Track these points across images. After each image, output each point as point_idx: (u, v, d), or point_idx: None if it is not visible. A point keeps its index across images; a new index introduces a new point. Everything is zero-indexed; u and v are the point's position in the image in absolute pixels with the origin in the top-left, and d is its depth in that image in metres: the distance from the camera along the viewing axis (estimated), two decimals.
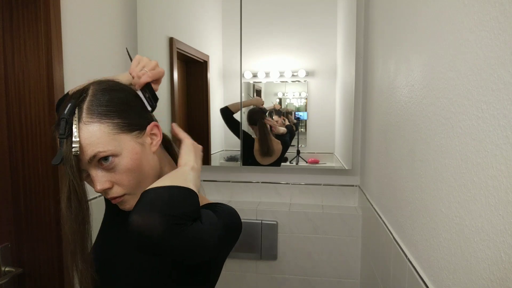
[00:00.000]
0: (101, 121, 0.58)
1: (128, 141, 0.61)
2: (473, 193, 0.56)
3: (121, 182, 0.61)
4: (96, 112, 0.59)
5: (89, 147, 0.57)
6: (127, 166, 0.60)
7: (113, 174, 0.60)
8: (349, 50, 1.63)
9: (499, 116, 0.49)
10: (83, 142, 0.57)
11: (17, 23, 1.11)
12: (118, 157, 0.59)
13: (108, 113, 0.59)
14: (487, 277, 0.52)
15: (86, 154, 0.57)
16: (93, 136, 0.57)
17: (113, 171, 0.60)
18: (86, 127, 0.57)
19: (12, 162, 1.15)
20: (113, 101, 0.61)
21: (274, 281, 1.72)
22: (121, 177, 0.60)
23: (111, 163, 0.59)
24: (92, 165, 0.59)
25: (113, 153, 0.58)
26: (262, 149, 1.76)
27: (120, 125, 0.60)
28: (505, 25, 0.48)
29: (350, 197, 1.73)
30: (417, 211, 0.83)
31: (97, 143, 0.57)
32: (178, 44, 1.77)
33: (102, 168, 0.59)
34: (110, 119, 0.59)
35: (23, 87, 1.13)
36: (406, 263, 0.89)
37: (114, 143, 0.59)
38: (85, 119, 0.58)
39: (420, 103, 0.81)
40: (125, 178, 0.60)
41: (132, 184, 0.61)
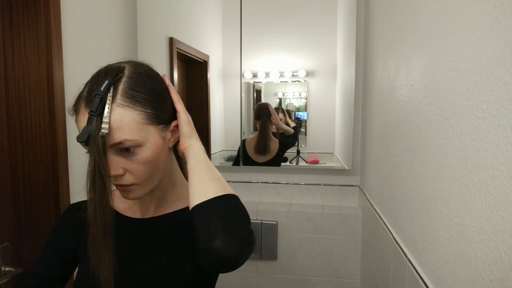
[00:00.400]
0: (134, 108, 0.57)
1: (154, 133, 0.60)
2: (473, 193, 0.56)
3: (135, 171, 0.59)
4: (132, 97, 0.57)
5: (117, 131, 0.55)
6: (147, 158, 0.59)
7: (129, 162, 0.58)
8: (349, 50, 1.63)
9: (499, 116, 0.49)
10: (112, 125, 0.55)
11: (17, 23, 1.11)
12: (141, 147, 0.58)
13: (142, 100, 0.58)
14: (487, 277, 0.52)
15: (112, 138, 0.55)
16: (123, 121, 0.56)
17: (131, 159, 0.58)
18: (119, 109, 0.55)
19: (12, 162, 1.15)
20: (149, 90, 0.60)
21: (274, 281, 1.72)
22: (137, 167, 0.59)
23: (133, 152, 0.58)
24: (112, 149, 0.57)
25: (139, 143, 0.57)
26: (259, 147, 1.77)
27: (151, 115, 0.59)
28: (505, 25, 0.48)
29: (350, 197, 1.73)
30: (417, 211, 0.83)
31: (126, 129, 0.56)
32: (178, 44, 1.77)
33: (120, 154, 0.58)
34: (143, 108, 0.58)
35: (23, 87, 1.13)
36: (406, 263, 0.89)
37: (142, 134, 0.57)
38: (119, 101, 0.56)
39: (420, 103, 0.81)
40: (141, 168, 0.59)
41: (145, 176, 0.61)
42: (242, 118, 1.76)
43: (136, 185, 0.61)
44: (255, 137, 1.78)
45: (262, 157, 1.77)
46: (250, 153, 1.78)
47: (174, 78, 1.78)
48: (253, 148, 1.78)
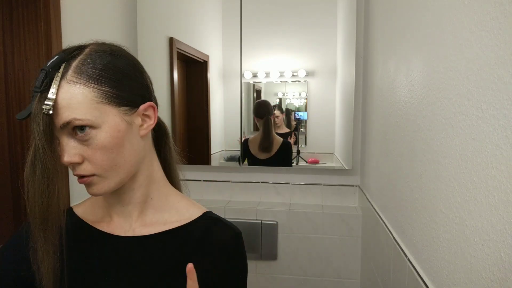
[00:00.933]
0: (86, 84, 0.50)
1: (113, 115, 0.52)
2: (473, 193, 0.56)
3: (93, 159, 0.52)
4: (85, 74, 0.50)
5: (65, 110, 0.49)
6: (103, 143, 0.51)
7: (86, 148, 0.51)
8: (349, 50, 1.63)
9: (499, 116, 0.49)
10: (60, 103, 0.49)
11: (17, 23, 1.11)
12: (96, 129, 0.51)
13: (98, 77, 0.51)
14: (487, 277, 0.52)
15: (61, 117, 0.49)
16: (73, 98, 0.49)
17: (86, 144, 0.51)
18: (68, 86, 0.49)
19: (12, 162, 1.15)
20: (107, 66, 0.52)
21: (274, 281, 1.72)
22: (94, 153, 0.52)
23: (87, 135, 0.50)
24: (65, 132, 0.51)
25: (91, 123, 0.50)
26: (263, 144, 1.76)
27: (108, 94, 0.52)
28: (505, 25, 0.48)
29: (350, 197, 1.73)
30: (417, 211, 0.83)
31: (76, 108, 0.49)
32: (178, 44, 1.77)
33: (75, 138, 0.51)
34: (98, 85, 0.51)
35: (23, 87, 1.13)
36: (406, 263, 0.89)
37: (95, 113, 0.50)
38: (70, 77, 0.50)
39: (420, 103, 0.81)
40: (99, 155, 0.52)
41: (105, 165, 0.53)
42: (242, 118, 1.76)
43: (97, 176, 0.53)
44: (258, 136, 1.78)
45: (265, 154, 1.78)
46: (254, 151, 1.78)
47: (174, 78, 1.78)
48: (257, 146, 1.78)
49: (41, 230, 0.51)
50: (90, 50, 0.53)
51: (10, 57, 1.12)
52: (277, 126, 1.79)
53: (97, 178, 0.53)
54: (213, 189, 1.83)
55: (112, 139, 0.52)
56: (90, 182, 0.54)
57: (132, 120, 0.55)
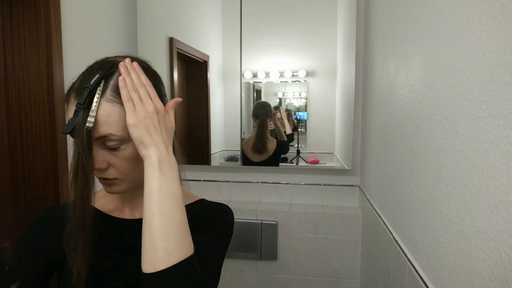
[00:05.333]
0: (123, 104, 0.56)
1: None
2: (473, 193, 0.56)
3: (119, 167, 0.59)
4: None
5: (103, 125, 0.55)
6: (130, 155, 0.58)
7: (113, 157, 0.58)
8: (349, 50, 1.63)
9: (499, 116, 0.49)
10: (99, 119, 0.54)
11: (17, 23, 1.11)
12: (125, 144, 0.57)
13: None
14: (487, 277, 0.52)
15: (98, 131, 0.55)
16: (111, 116, 0.55)
17: (115, 154, 0.58)
18: (107, 104, 0.55)
19: (12, 162, 1.15)
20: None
21: (274, 281, 1.72)
22: (120, 162, 0.58)
23: (117, 148, 0.57)
24: (97, 143, 0.57)
25: (124, 139, 0.57)
26: (256, 146, 1.76)
27: None
28: (505, 25, 0.48)
29: (350, 197, 1.73)
30: (417, 211, 0.83)
31: (112, 124, 0.55)
32: (178, 44, 1.77)
33: (105, 148, 0.57)
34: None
35: (23, 87, 1.13)
36: (406, 263, 0.89)
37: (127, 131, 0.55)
38: (109, 96, 0.55)
39: (420, 103, 0.81)
40: (124, 164, 0.59)
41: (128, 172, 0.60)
42: (242, 118, 1.76)
43: (119, 179, 0.60)
44: (252, 136, 1.78)
45: (259, 156, 1.77)
46: (247, 152, 1.78)
47: (174, 78, 1.78)
48: (250, 147, 1.78)
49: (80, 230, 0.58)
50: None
51: (10, 57, 1.12)
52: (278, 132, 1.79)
53: (119, 181, 0.61)
54: (213, 189, 1.83)
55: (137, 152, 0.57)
56: (112, 183, 0.61)
57: None
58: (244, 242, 1.68)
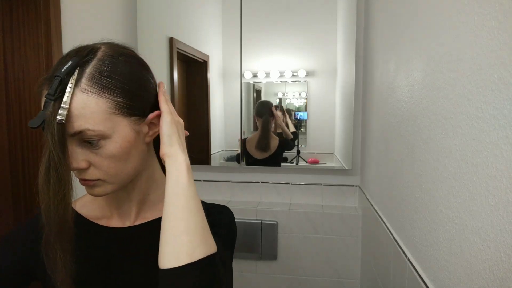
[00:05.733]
0: (100, 94, 0.50)
1: (123, 126, 0.53)
2: (473, 193, 0.56)
3: (100, 166, 0.52)
4: (99, 83, 0.50)
5: (78, 119, 0.48)
6: (113, 152, 0.52)
7: (93, 155, 0.52)
8: (349, 50, 1.63)
9: (499, 116, 0.49)
10: (72, 111, 0.48)
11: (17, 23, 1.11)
12: (107, 140, 0.51)
13: (112, 87, 0.51)
14: (487, 277, 0.52)
15: (72, 126, 0.48)
16: (86, 108, 0.49)
17: (95, 152, 0.51)
18: (82, 95, 0.48)
19: (12, 162, 1.15)
20: (122, 75, 0.52)
21: (274, 281, 1.72)
22: (102, 161, 0.52)
23: (97, 144, 0.51)
24: (74, 139, 0.50)
25: (103, 135, 0.50)
26: (260, 144, 1.77)
27: (122, 105, 0.52)
28: (505, 25, 0.48)
29: (350, 197, 1.73)
30: (417, 211, 0.83)
31: (89, 118, 0.49)
32: (178, 44, 1.77)
33: (83, 146, 0.51)
34: (112, 95, 0.51)
35: (23, 87, 1.13)
36: (406, 263, 0.89)
37: (107, 124, 0.50)
38: (84, 85, 0.49)
39: (420, 103, 0.81)
40: (106, 163, 0.52)
41: (112, 172, 0.54)
42: (242, 118, 1.76)
43: (101, 180, 0.54)
44: (256, 135, 1.78)
45: (262, 154, 1.78)
46: (250, 150, 1.78)
47: (174, 78, 1.78)
48: (254, 145, 1.78)
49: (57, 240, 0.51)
50: (103, 54, 0.52)
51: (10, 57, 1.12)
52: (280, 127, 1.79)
53: (101, 182, 0.54)
54: (213, 189, 1.83)
55: (121, 149, 0.53)
56: (94, 184, 0.54)
57: (140, 129, 0.56)
58: (244, 242, 1.68)
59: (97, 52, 0.52)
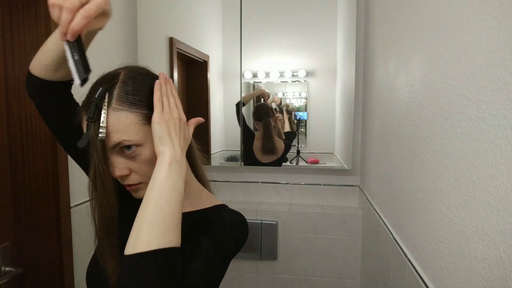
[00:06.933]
0: (130, 110, 0.59)
1: None
2: (473, 193, 0.56)
3: (140, 171, 0.62)
4: (126, 100, 0.59)
5: (115, 134, 0.58)
6: (148, 157, 0.61)
7: (132, 162, 0.61)
8: (349, 50, 1.63)
9: (499, 116, 0.49)
10: (110, 128, 0.58)
11: (17, 23, 1.11)
12: (141, 147, 0.60)
13: (138, 102, 0.60)
14: (487, 277, 0.52)
15: (111, 140, 0.58)
16: (120, 123, 0.58)
17: (133, 159, 0.61)
18: (115, 113, 0.58)
19: (12, 162, 1.15)
20: (143, 91, 0.61)
21: (274, 281, 1.72)
22: (140, 166, 0.61)
23: (133, 152, 0.60)
24: (114, 151, 0.60)
25: (138, 143, 0.59)
26: (267, 147, 1.76)
27: (149, 116, 0.60)
28: (505, 25, 0.48)
29: (350, 197, 1.73)
30: (417, 211, 0.83)
31: (124, 131, 0.58)
32: (178, 44, 1.77)
33: (123, 155, 0.60)
34: (139, 109, 0.60)
35: (23, 86, 1.13)
36: (406, 263, 0.89)
37: (140, 134, 0.60)
38: (115, 105, 0.58)
39: (420, 103, 0.81)
40: (144, 167, 0.62)
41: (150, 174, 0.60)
42: (242, 117, 1.76)
43: (143, 183, 0.63)
44: (258, 137, 1.78)
45: (269, 157, 1.77)
46: (256, 154, 1.78)
47: (174, 78, 1.78)
48: (260, 149, 1.77)
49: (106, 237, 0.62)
50: (124, 77, 0.61)
51: (10, 57, 1.12)
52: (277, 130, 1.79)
53: (143, 185, 0.63)
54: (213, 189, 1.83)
55: (155, 153, 0.60)
56: (137, 188, 0.64)
57: None
58: None
59: (119, 76, 0.61)
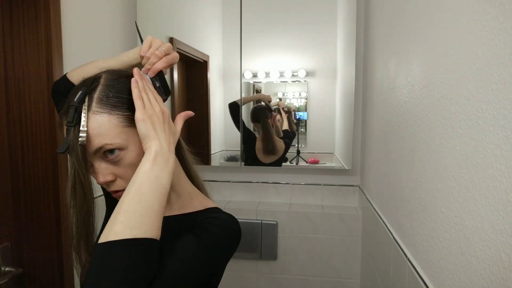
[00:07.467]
0: (111, 112, 0.57)
1: (136, 136, 0.58)
2: (473, 193, 0.56)
3: (125, 176, 0.59)
4: (107, 103, 0.57)
5: (96, 138, 0.55)
6: (132, 161, 0.58)
7: (117, 167, 0.58)
8: (349, 50, 1.62)
9: (499, 116, 0.49)
10: (90, 132, 0.55)
11: (17, 23, 1.11)
12: (124, 150, 0.58)
13: (118, 104, 0.58)
14: (487, 277, 0.52)
15: (92, 145, 0.56)
16: (101, 127, 0.56)
17: (117, 164, 0.58)
18: (95, 117, 0.56)
19: (12, 162, 1.15)
20: (125, 93, 0.59)
21: (274, 281, 1.72)
22: (125, 171, 0.59)
23: (117, 156, 0.57)
24: (97, 157, 0.57)
25: (120, 146, 0.57)
26: (267, 147, 1.76)
27: (130, 118, 0.58)
28: (505, 25, 0.48)
29: (350, 197, 1.72)
30: (417, 211, 0.83)
31: (105, 134, 0.56)
32: (178, 44, 1.77)
33: (106, 160, 0.58)
34: (121, 111, 0.58)
35: (23, 87, 1.13)
36: (406, 263, 0.89)
37: (122, 136, 0.57)
38: (95, 108, 0.56)
39: (420, 103, 0.81)
40: (129, 172, 0.58)
41: None
42: (242, 117, 1.76)
43: None
44: (259, 141, 1.78)
45: (271, 157, 1.77)
46: (258, 155, 1.78)
47: (174, 78, 1.78)
48: (261, 149, 1.78)
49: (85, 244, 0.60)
50: (105, 79, 0.60)
51: (10, 57, 1.12)
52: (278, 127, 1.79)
53: None
54: (213, 189, 1.82)
55: (139, 156, 0.58)
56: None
57: None
58: (244, 242, 1.67)
59: (100, 79, 0.60)
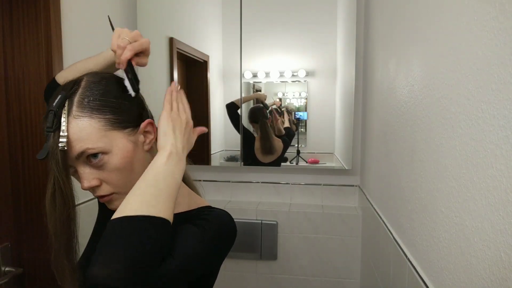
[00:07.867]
0: (92, 116, 0.55)
1: (120, 139, 0.58)
2: (473, 193, 0.56)
3: (110, 180, 0.58)
4: (88, 106, 0.55)
5: (78, 142, 0.54)
6: (116, 165, 0.57)
7: (101, 172, 0.57)
8: (349, 50, 1.62)
9: (499, 116, 0.49)
10: (71, 137, 0.54)
11: (17, 23, 1.11)
12: (108, 154, 0.56)
13: (100, 107, 0.56)
14: (487, 277, 0.52)
15: (74, 150, 0.54)
16: (82, 131, 0.54)
17: (102, 168, 0.57)
18: (76, 121, 0.54)
19: (12, 162, 1.15)
20: (106, 95, 0.58)
21: (274, 281, 1.72)
22: (109, 175, 0.57)
23: (100, 161, 0.56)
24: (80, 162, 0.56)
25: (103, 150, 0.55)
26: (265, 147, 1.77)
27: (112, 121, 0.57)
28: (505, 25, 0.48)
29: (350, 197, 1.72)
30: (417, 211, 0.83)
31: (86, 139, 0.54)
32: (178, 44, 1.77)
33: (90, 165, 0.56)
34: (102, 114, 0.56)
35: (23, 87, 1.13)
36: (406, 263, 0.89)
37: (105, 140, 0.56)
38: (75, 112, 0.54)
39: (420, 103, 0.81)
40: (114, 176, 0.58)
41: (121, 183, 0.59)
42: (242, 118, 1.76)
43: (116, 194, 0.60)
44: (258, 140, 1.78)
45: (269, 157, 1.78)
46: (257, 154, 1.78)
47: (174, 78, 1.78)
48: (260, 150, 1.78)
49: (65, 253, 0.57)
50: (86, 82, 0.58)
51: (10, 57, 1.12)
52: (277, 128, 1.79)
53: (116, 195, 0.60)
54: (213, 189, 1.83)
55: (123, 159, 0.58)
56: (111, 199, 0.60)
57: (136, 139, 0.61)
58: (244, 242, 1.68)
59: (80, 82, 0.58)
